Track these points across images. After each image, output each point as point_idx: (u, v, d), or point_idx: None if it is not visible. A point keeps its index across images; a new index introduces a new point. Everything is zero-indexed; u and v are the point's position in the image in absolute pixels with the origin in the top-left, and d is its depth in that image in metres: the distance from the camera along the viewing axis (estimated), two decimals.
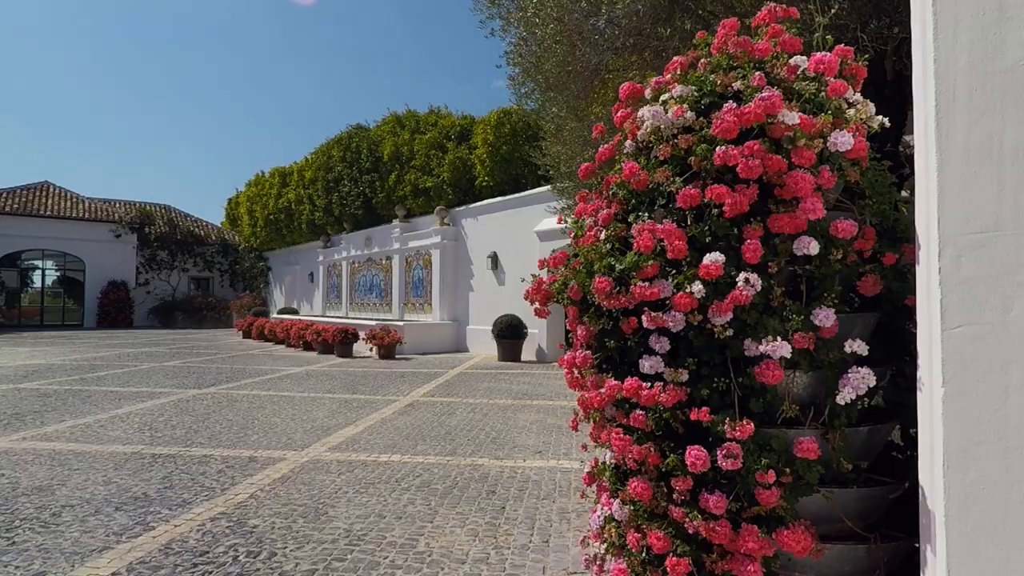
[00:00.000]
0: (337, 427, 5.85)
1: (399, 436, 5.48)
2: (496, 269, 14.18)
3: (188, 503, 3.63)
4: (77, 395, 7.76)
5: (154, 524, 3.28)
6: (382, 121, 18.67)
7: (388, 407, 6.97)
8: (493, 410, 6.83)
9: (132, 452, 4.82)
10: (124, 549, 2.94)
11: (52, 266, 26.63)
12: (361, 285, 19.84)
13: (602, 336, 2.14)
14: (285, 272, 26.29)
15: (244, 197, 26.82)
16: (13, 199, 25.24)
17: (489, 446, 5.13)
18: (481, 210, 14.90)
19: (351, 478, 4.17)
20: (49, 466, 4.40)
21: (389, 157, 17.21)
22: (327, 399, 7.56)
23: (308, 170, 21.14)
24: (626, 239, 2.12)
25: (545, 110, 6.39)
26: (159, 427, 5.81)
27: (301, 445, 5.11)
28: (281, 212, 23.17)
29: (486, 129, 14.83)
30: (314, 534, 3.16)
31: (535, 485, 4.05)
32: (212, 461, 4.59)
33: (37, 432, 5.54)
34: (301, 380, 9.43)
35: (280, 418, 6.30)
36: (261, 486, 3.97)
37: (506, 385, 8.90)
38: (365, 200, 18.57)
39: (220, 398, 7.59)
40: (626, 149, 2.29)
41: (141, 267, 27.60)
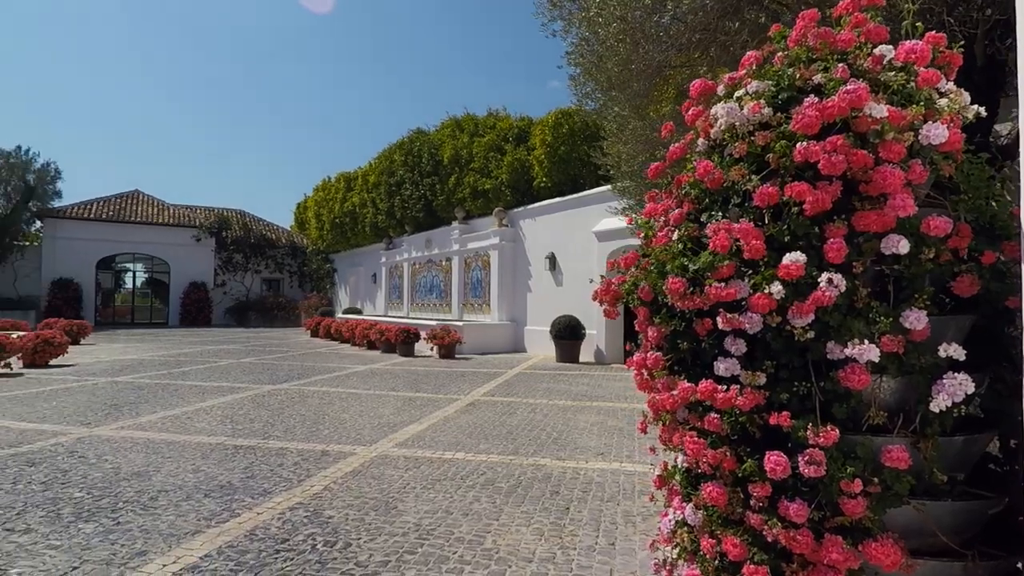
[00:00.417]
0: (402, 424, 6.01)
1: (462, 434, 5.58)
2: (554, 270, 14.17)
3: (268, 493, 3.82)
4: (166, 388, 8.30)
5: (239, 511, 3.47)
6: (441, 125, 19.01)
7: (450, 406, 7.10)
8: (553, 411, 6.83)
9: (216, 443, 5.12)
10: (214, 533, 3.14)
11: (141, 268, 28.60)
12: (422, 286, 20.26)
13: (674, 337, 2.12)
14: (349, 273, 27.17)
15: (312, 202, 27.93)
16: (108, 207, 27.25)
17: (551, 447, 5.14)
18: (539, 211, 14.93)
19: (418, 474, 4.27)
20: (145, 454, 4.74)
21: (449, 160, 17.51)
22: (392, 397, 7.77)
23: (371, 174, 21.78)
24: (699, 239, 2.09)
25: (606, 109, 6.34)
26: (239, 420, 6.14)
27: (369, 441, 5.28)
28: (346, 216, 23.97)
29: (544, 130, 14.85)
30: (385, 527, 3.26)
31: (598, 487, 4.03)
32: (288, 454, 4.82)
33: (133, 422, 5.97)
34: (366, 378, 9.73)
35: (349, 414, 6.53)
36: (334, 479, 4.13)
37: (565, 386, 8.88)
38: (426, 203, 18.96)
39: (293, 394, 7.94)
40: (698, 148, 2.25)
41: (219, 269, 29.19)
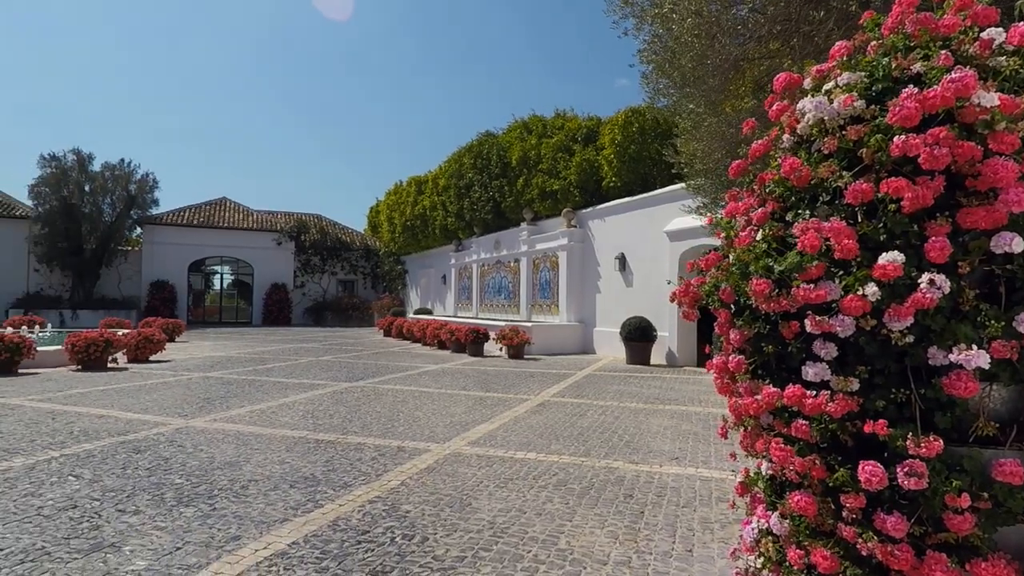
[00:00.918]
0: (474, 423, 6.10)
1: (533, 435, 5.60)
2: (624, 270, 13.98)
3: (348, 486, 3.99)
4: (252, 384, 8.81)
5: (322, 502, 3.64)
6: (509, 127, 19.16)
7: (520, 406, 7.15)
8: (624, 413, 6.75)
9: (299, 437, 5.39)
10: (300, 522, 3.31)
11: (228, 271, 30.49)
12: (490, 287, 20.49)
13: (758, 340, 2.05)
14: (420, 275, 27.85)
15: (384, 205, 28.84)
16: (199, 213, 29.24)
17: (623, 449, 5.08)
18: (608, 211, 14.77)
19: (490, 472, 4.33)
20: (235, 445, 5.05)
21: (517, 162, 17.62)
22: (463, 396, 7.91)
23: (442, 178, 22.24)
24: (784, 239, 2.01)
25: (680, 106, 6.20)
26: (319, 415, 6.43)
27: (443, 438, 5.40)
28: (417, 218, 24.59)
29: (613, 129, 14.69)
30: (460, 523, 3.33)
31: (673, 492, 3.95)
32: (366, 449, 5.00)
33: (224, 415, 6.38)
34: (438, 377, 9.95)
35: (422, 412, 6.70)
36: (410, 475, 4.26)
37: (636, 388, 8.74)
38: (494, 204, 19.16)
39: (368, 391, 8.24)
40: (783, 144, 2.17)
41: (298, 271, 30.67)
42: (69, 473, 4.17)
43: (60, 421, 5.95)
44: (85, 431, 5.51)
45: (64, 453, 4.72)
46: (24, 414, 6.29)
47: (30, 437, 5.24)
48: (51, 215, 24.12)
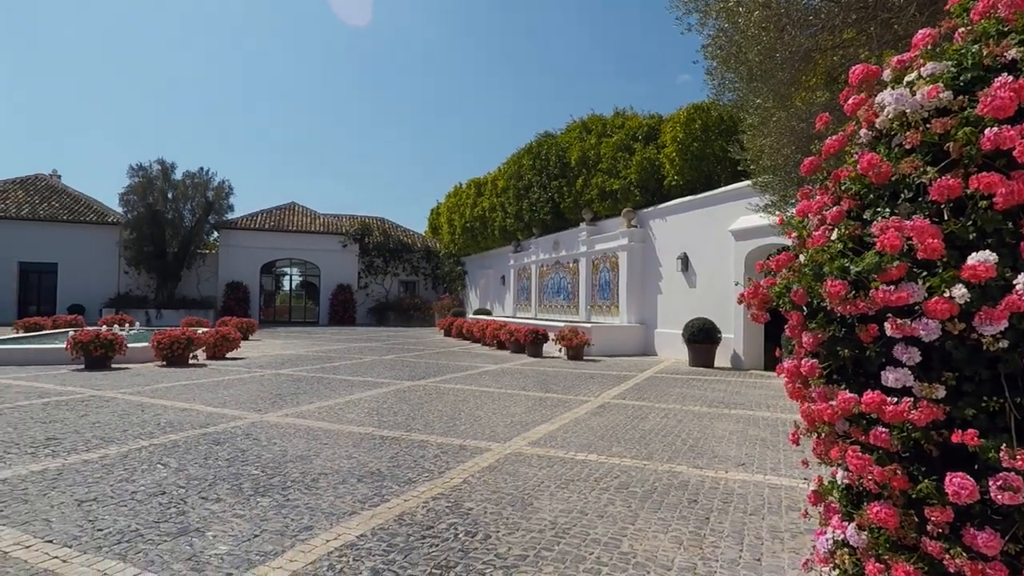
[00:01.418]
0: (534, 423, 6.13)
1: (594, 436, 5.57)
2: (686, 271, 13.67)
3: (412, 482, 4.09)
4: (320, 381, 9.17)
5: (388, 497, 3.76)
6: (568, 127, 19.09)
7: (580, 407, 7.11)
8: (688, 417, 6.60)
9: (365, 433, 5.57)
10: (367, 515, 3.42)
11: (297, 272, 31.84)
12: (549, 287, 20.48)
13: (833, 344, 1.97)
14: (479, 275, 28.17)
15: (444, 207, 29.35)
16: (270, 218, 30.67)
17: (687, 454, 4.97)
18: (670, 210, 14.48)
19: (551, 473, 4.34)
20: (306, 439, 5.28)
21: (576, 162, 17.54)
22: (522, 396, 7.95)
23: (501, 179, 22.42)
24: (862, 238, 1.92)
25: (747, 101, 6.01)
26: (384, 413, 6.62)
27: (503, 438, 5.45)
28: (476, 220, 24.88)
29: (675, 127, 14.39)
30: (522, 523, 3.36)
31: (740, 499, 3.83)
32: (429, 446, 5.12)
33: (295, 410, 6.67)
34: (498, 377, 10.03)
35: (483, 411, 6.78)
36: (472, 473, 4.33)
37: (700, 392, 8.53)
38: (553, 205, 19.15)
39: (430, 390, 8.41)
40: (860, 139, 2.08)
41: (362, 272, 31.65)
42: (157, 462, 4.48)
43: (148, 413, 6.39)
44: (171, 423, 5.89)
45: (152, 443, 5.06)
46: (117, 406, 6.78)
47: (123, 427, 5.65)
48: (139, 221, 25.93)
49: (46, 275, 26.70)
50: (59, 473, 4.14)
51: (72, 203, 28.38)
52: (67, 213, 27.38)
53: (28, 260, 26.31)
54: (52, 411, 6.39)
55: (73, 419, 5.98)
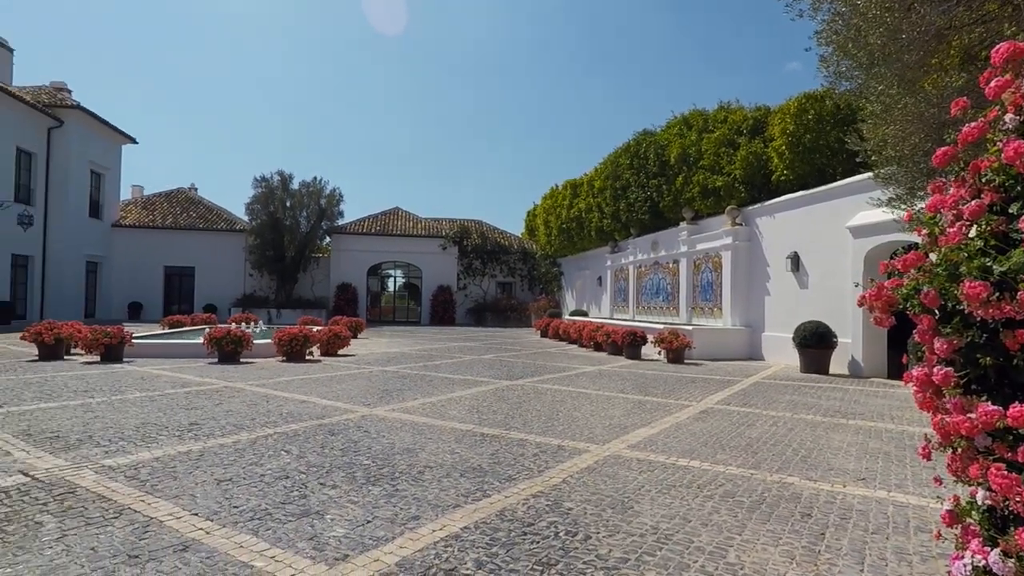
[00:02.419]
0: (633, 426, 6.03)
1: (696, 442, 5.40)
2: (797, 271, 12.86)
3: (513, 479, 4.18)
4: (422, 379, 9.56)
5: (490, 492, 3.86)
6: (668, 124, 18.57)
7: (682, 412, 6.91)
8: (799, 425, 6.22)
9: (467, 430, 5.75)
10: (470, 509, 3.54)
11: (400, 274, 33.34)
12: (647, 289, 20.04)
13: (971, 350, 1.80)
14: (576, 276, 28.08)
15: (540, 209, 29.55)
16: (375, 223, 32.37)
17: (798, 464, 4.70)
18: (778, 207, 13.70)
19: (652, 478, 4.26)
20: (412, 433, 5.54)
21: (676, 159, 17.03)
22: (620, 399, 7.85)
23: (597, 179, 22.23)
24: (1007, 235, 1.75)
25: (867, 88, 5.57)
26: (484, 411, 6.80)
27: (602, 440, 5.42)
28: (572, 221, 24.83)
29: (784, 118, 13.57)
30: (622, 525, 3.33)
31: (860, 515, 3.57)
32: (528, 445, 5.19)
33: (400, 406, 7.01)
34: (595, 379, 9.97)
35: (580, 413, 6.78)
36: (571, 473, 4.34)
37: (812, 400, 8.00)
38: (651, 205, 18.71)
39: (528, 390, 8.51)
40: (1005, 125, 1.88)
41: (460, 274, 32.58)
42: (281, 448, 4.88)
43: (272, 404, 6.97)
44: (291, 413, 6.39)
45: (276, 431, 5.52)
46: (246, 396, 7.45)
47: (251, 416, 6.21)
48: (261, 228, 28.33)
49: (186, 277, 29.84)
50: (200, 455, 4.63)
51: (207, 213, 31.52)
52: (203, 222, 30.46)
53: (171, 264, 29.53)
54: (193, 399, 7.15)
55: (210, 407, 6.65)
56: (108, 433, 5.28)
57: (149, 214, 30.59)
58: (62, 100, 25.57)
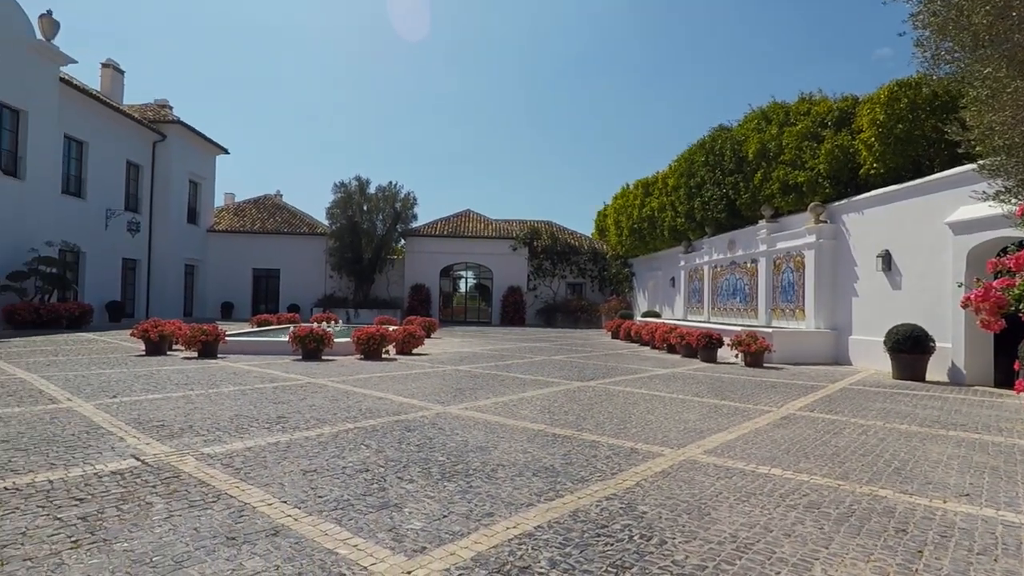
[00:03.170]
0: (710, 431, 5.86)
1: (777, 449, 5.18)
2: (888, 270, 12.06)
3: (585, 480, 4.16)
4: (494, 378, 9.68)
5: (562, 493, 3.87)
6: (745, 119, 17.87)
7: (761, 417, 6.65)
8: (892, 435, 5.83)
9: (538, 430, 5.77)
10: (543, 508, 3.56)
11: (471, 275, 33.90)
12: (723, 290, 19.37)
13: None
14: (648, 277, 27.55)
15: (611, 209, 29.20)
16: (447, 225, 33.07)
17: (891, 476, 4.41)
18: (868, 202, 12.89)
19: (730, 484, 4.13)
20: (484, 432, 5.62)
21: (754, 155, 16.37)
22: (695, 402, 7.63)
23: (671, 178, 21.71)
24: None
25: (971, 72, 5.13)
26: (555, 411, 6.80)
27: (676, 444, 5.29)
28: (644, 221, 24.38)
29: (874, 108, 12.75)
30: (699, 532, 3.25)
31: (964, 534, 3.31)
32: (600, 447, 5.15)
33: (473, 404, 7.13)
34: (668, 381, 9.74)
35: (654, 415, 6.65)
36: (644, 476, 4.27)
37: (907, 408, 7.48)
38: (728, 203, 18.08)
39: (600, 392, 8.44)
40: None
41: (531, 275, 32.72)
42: (361, 443, 5.08)
43: (352, 400, 7.27)
44: (370, 409, 6.64)
45: (357, 426, 5.76)
46: (328, 392, 7.81)
47: (332, 411, 6.50)
48: (340, 231, 29.61)
49: (272, 279, 31.63)
50: (288, 446, 4.90)
51: (290, 218, 33.27)
52: (287, 226, 32.19)
53: (259, 267, 31.39)
54: (280, 394, 7.57)
55: (295, 401, 7.02)
56: (206, 423, 5.69)
57: (239, 220, 32.65)
58: (164, 116, 27.75)
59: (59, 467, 4.13)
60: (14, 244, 18.80)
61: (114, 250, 24.43)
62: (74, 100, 22.16)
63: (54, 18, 20.47)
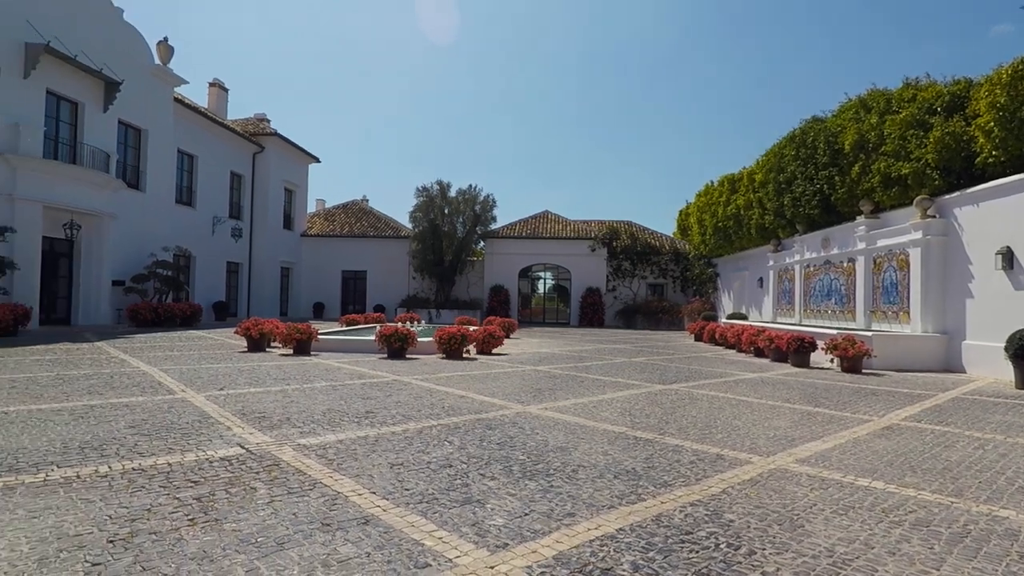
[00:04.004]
0: (802, 439, 5.56)
1: (879, 461, 4.83)
2: (1010, 268, 10.95)
3: (668, 485, 4.07)
4: (573, 379, 9.64)
5: (644, 496, 3.80)
6: (840, 108, 16.79)
7: (860, 427, 6.23)
8: (1015, 451, 5.29)
9: (619, 432, 5.70)
10: (625, 511, 3.52)
11: (550, 276, 33.94)
12: (817, 290, 18.30)
13: None
14: (733, 278, 26.48)
15: (694, 207, 28.29)
16: (526, 227, 33.28)
17: (1014, 495, 4.01)
18: (985, 194, 11.76)
19: (825, 496, 3.90)
20: (564, 432, 5.62)
21: (851, 147, 15.33)
22: (786, 408, 7.27)
23: (758, 173, 20.77)
24: None
25: None
26: (636, 414, 6.69)
27: (765, 452, 5.07)
28: (730, 219, 23.46)
29: (993, 90, 11.60)
30: (791, 544, 3.10)
31: None
32: (683, 451, 5.02)
33: (552, 405, 7.14)
34: (756, 386, 9.33)
35: (741, 421, 6.39)
36: (731, 484, 4.12)
37: None
38: (822, 198, 17.05)
39: (682, 395, 8.21)
40: None
41: (610, 275, 32.32)
42: (444, 439, 5.22)
43: (435, 397, 7.48)
44: (452, 407, 6.81)
45: (440, 423, 5.92)
46: (412, 390, 8.08)
47: (417, 407, 6.72)
48: (423, 234, 30.52)
49: (359, 280, 33.12)
50: (376, 440, 5.12)
51: (376, 222, 34.70)
52: (373, 230, 33.59)
53: (347, 268, 32.97)
54: (368, 390, 7.91)
55: (382, 398, 7.32)
56: (302, 416, 6.04)
57: (329, 224, 34.42)
58: (263, 129, 29.73)
59: (176, 452, 4.53)
60: (137, 250, 20.79)
61: (220, 254, 26.45)
62: (185, 117, 24.20)
63: (169, 44, 22.46)
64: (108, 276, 19.54)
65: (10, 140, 16.40)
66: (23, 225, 16.44)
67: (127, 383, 7.87)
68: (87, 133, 18.96)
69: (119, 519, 3.15)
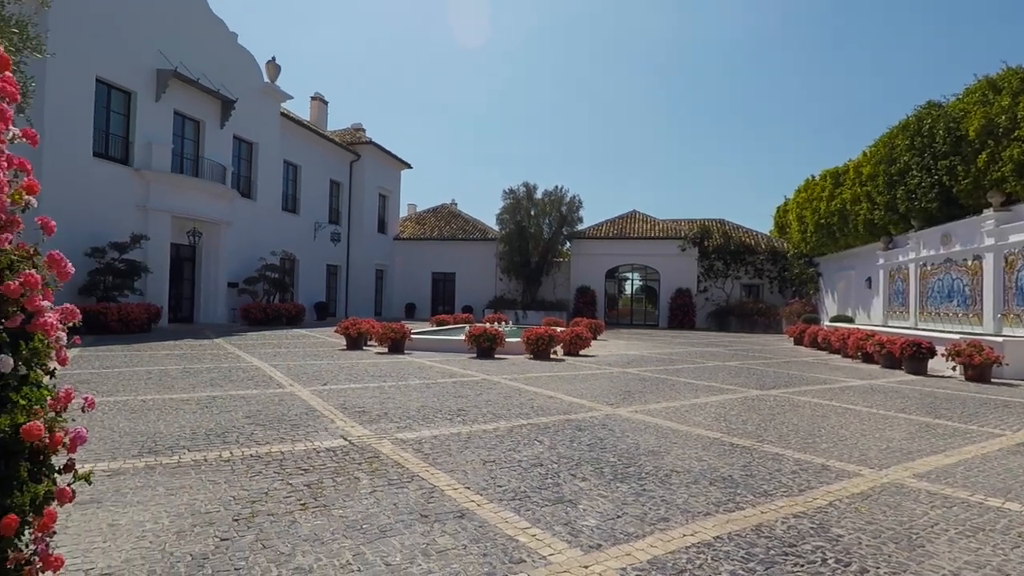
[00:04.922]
0: (920, 453, 5.13)
1: (1013, 480, 4.37)
2: None
3: (769, 495, 3.89)
4: (664, 383, 9.42)
5: (743, 505, 3.66)
6: (965, 91, 15.28)
7: (989, 441, 5.65)
8: None
9: (714, 438, 5.51)
10: (722, 519, 3.41)
11: (637, 277, 33.28)
12: (935, 291, 16.75)
13: None
14: (837, 278, 24.78)
15: (793, 204, 26.73)
16: (612, 227, 32.86)
17: None
18: None
19: (948, 515, 3.58)
20: (655, 436, 5.51)
21: (977, 133, 13.92)
22: (901, 419, 6.72)
23: (866, 166, 19.31)
24: None
25: None
26: (732, 420, 6.44)
27: (877, 464, 4.72)
28: (833, 215, 21.97)
29: None
30: (910, 564, 2.87)
31: None
32: (784, 460, 4.78)
33: (642, 408, 7.02)
34: (865, 394, 8.69)
35: (848, 431, 5.99)
36: (839, 496, 3.88)
37: None
38: (940, 190, 15.60)
39: (782, 401, 7.80)
40: None
41: (701, 276, 31.23)
42: (534, 439, 5.28)
43: (524, 397, 7.57)
44: (541, 407, 6.86)
45: (529, 422, 5.99)
46: (501, 389, 8.22)
47: (506, 407, 6.83)
48: (510, 236, 30.89)
49: (448, 282, 34.06)
50: (468, 437, 5.26)
51: (464, 224, 35.53)
52: (461, 233, 34.44)
53: (437, 270, 34.00)
54: (459, 388, 8.13)
55: (473, 396, 7.50)
56: (398, 412, 6.32)
57: (420, 228, 35.65)
58: (359, 138, 31.30)
59: (287, 441, 4.89)
60: (249, 254, 22.55)
61: (320, 257, 28.12)
62: (290, 130, 25.96)
63: (276, 63, 24.19)
64: (224, 279, 21.34)
65: (144, 157, 18.33)
66: (155, 233, 18.31)
67: (243, 376, 8.56)
68: (207, 148, 20.83)
69: (241, 500, 3.45)
